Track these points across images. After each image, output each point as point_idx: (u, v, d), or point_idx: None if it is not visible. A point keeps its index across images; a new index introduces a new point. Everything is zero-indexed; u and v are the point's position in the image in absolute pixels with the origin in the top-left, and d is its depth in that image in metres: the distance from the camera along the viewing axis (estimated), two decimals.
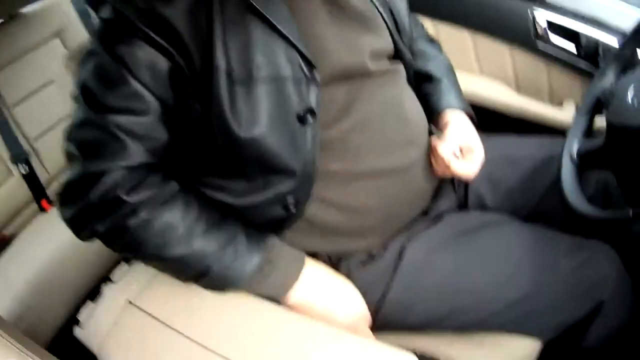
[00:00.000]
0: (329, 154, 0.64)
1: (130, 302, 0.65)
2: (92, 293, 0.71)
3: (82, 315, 0.69)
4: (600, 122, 0.74)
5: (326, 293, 0.67)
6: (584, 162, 0.71)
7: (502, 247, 0.72)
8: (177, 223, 0.59)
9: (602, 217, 0.64)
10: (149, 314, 0.63)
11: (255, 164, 0.61)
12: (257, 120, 0.58)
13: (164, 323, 0.62)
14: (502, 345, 0.74)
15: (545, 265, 0.72)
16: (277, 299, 0.65)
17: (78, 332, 0.69)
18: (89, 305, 0.70)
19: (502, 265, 0.71)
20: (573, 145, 0.72)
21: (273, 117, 0.58)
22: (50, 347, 0.97)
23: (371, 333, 0.69)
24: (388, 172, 0.68)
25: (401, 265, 0.70)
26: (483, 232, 0.74)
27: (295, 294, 0.65)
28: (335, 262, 0.73)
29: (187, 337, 0.60)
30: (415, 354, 0.74)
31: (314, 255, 0.71)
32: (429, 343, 0.74)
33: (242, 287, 0.63)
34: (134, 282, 0.67)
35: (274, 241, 0.65)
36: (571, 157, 0.72)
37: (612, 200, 0.77)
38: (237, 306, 0.63)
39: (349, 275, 0.72)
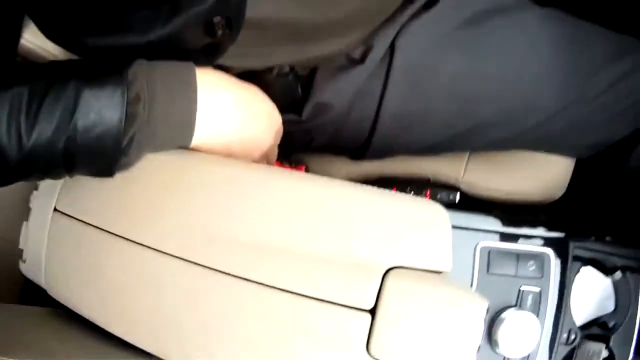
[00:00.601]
0: None
1: (56, 210, 0.50)
2: None
3: (21, 243, 0.55)
4: None
5: (240, 112, 0.51)
6: None
7: (524, 44, 0.56)
8: None
9: None
10: (78, 220, 0.48)
11: None
12: None
13: (97, 227, 0.47)
14: (529, 166, 0.63)
15: (582, 70, 0.57)
16: (185, 143, 0.48)
17: (22, 267, 0.55)
18: (23, 227, 0.55)
19: (528, 68, 0.56)
20: None
21: None
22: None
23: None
24: None
25: (393, 68, 0.55)
26: (495, 21, 0.57)
27: (200, 129, 0.47)
28: (303, 76, 0.57)
29: (129, 240, 0.46)
30: (428, 181, 0.63)
31: (270, 70, 0.54)
32: (441, 167, 0.63)
33: (134, 152, 0.45)
34: (57, 182, 0.51)
35: (137, 67, 0.44)
36: None
37: None
38: (178, 183, 0.46)
39: (324, 90, 0.57)
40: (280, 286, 0.42)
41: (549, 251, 0.51)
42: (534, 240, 0.51)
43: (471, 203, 0.65)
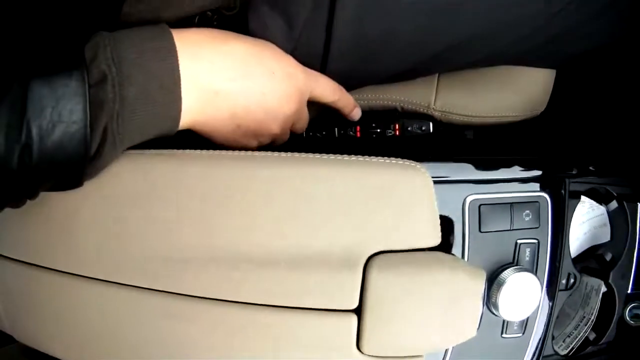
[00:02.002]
0: None
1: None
2: None
3: None
4: None
5: (240, 73, 0.41)
6: None
7: None
8: None
9: None
10: (16, 260, 0.41)
11: None
12: None
13: (36, 265, 0.40)
14: (507, 81, 0.57)
15: None
16: (172, 126, 0.39)
17: None
18: None
19: None
20: None
21: None
22: None
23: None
24: None
25: None
26: None
27: (190, 103, 0.38)
28: (231, 17, 0.47)
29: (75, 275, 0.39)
30: (396, 111, 0.56)
31: (189, 20, 0.45)
32: (409, 94, 0.55)
33: (109, 150, 0.36)
34: None
35: (99, 39, 0.35)
36: None
37: None
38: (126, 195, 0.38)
39: (258, 31, 0.46)
40: (249, 300, 0.36)
41: (544, 194, 0.45)
42: (526, 185, 0.45)
43: (445, 132, 0.58)
